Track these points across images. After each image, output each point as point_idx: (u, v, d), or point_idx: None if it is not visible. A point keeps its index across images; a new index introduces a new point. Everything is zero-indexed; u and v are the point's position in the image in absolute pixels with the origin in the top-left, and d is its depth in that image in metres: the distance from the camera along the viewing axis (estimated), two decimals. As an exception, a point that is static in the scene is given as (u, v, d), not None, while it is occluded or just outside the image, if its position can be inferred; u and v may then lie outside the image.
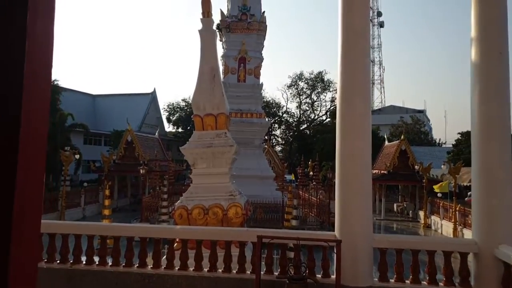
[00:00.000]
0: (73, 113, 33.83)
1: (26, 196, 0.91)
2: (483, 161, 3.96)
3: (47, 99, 1.07)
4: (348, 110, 4.07)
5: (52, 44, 1.10)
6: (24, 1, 0.95)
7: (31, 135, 0.95)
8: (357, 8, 3.98)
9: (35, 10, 1.00)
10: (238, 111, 20.96)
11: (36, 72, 0.99)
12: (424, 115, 64.05)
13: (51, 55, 1.09)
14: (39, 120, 1.04)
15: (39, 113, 1.03)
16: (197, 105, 7.93)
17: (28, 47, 0.95)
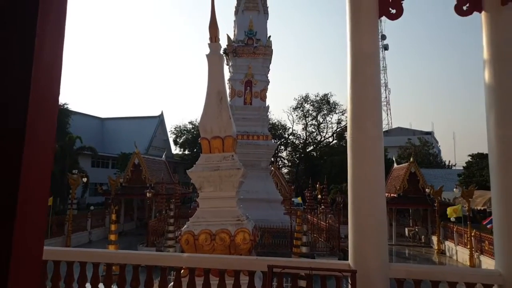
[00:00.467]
0: (81, 136, 34.14)
1: (28, 222, 0.87)
2: (503, 186, 3.79)
3: (52, 125, 1.01)
4: (359, 134, 3.96)
5: (61, 68, 1.05)
6: (32, 23, 0.90)
7: (35, 161, 0.91)
8: (366, 32, 3.92)
9: (44, 33, 0.94)
10: (244, 133, 20.94)
11: (43, 97, 0.93)
12: (432, 137, 63.67)
13: (59, 80, 1.03)
14: (44, 148, 0.98)
15: (44, 139, 0.97)
16: (204, 128, 7.87)
17: (35, 71, 0.89)
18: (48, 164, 0.98)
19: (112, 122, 53.86)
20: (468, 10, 3.73)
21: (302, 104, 51.81)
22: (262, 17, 22.94)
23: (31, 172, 0.89)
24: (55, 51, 0.99)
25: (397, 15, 3.78)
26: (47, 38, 0.96)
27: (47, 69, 0.95)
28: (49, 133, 0.99)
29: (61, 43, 1.02)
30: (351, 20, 3.89)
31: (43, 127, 0.94)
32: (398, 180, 25.78)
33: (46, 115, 0.95)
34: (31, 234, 0.89)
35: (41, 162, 0.94)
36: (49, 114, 0.97)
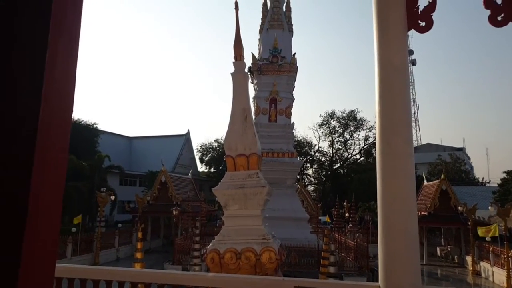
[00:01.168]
0: (110, 154, 34.99)
1: (40, 239, 0.84)
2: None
3: (65, 148, 0.97)
4: (389, 151, 3.80)
5: (74, 87, 1.02)
6: (43, 42, 0.87)
7: (45, 184, 0.86)
8: (394, 45, 3.81)
9: (55, 51, 0.91)
10: (269, 151, 20.86)
11: (53, 118, 0.90)
12: (463, 153, 61.72)
13: (72, 101, 1.00)
14: (55, 170, 0.93)
15: (55, 161, 0.93)
16: (229, 145, 7.86)
17: (45, 91, 0.86)
18: (61, 179, 0.94)
19: (139, 141, 55.07)
20: (503, 20, 3.56)
21: (328, 120, 51.44)
22: (287, 34, 23.07)
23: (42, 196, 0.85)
24: (67, 69, 0.97)
25: (427, 28, 3.66)
26: (59, 55, 0.93)
27: (58, 89, 0.92)
28: (61, 162, 0.95)
29: (74, 61, 0.99)
30: (379, 33, 3.79)
31: (55, 141, 0.90)
32: (429, 197, 24.94)
33: (58, 127, 0.92)
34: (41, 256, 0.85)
35: (52, 190, 0.90)
36: (62, 125, 0.94)
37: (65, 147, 0.95)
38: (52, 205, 0.91)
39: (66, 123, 0.95)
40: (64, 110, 0.94)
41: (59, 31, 0.92)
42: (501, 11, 3.59)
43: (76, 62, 1.02)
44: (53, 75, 0.90)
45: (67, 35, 0.97)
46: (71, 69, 1.00)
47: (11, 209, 0.80)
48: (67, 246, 19.48)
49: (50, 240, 0.89)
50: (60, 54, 0.94)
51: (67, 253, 19.37)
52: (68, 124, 0.96)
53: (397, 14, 3.70)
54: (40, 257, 0.85)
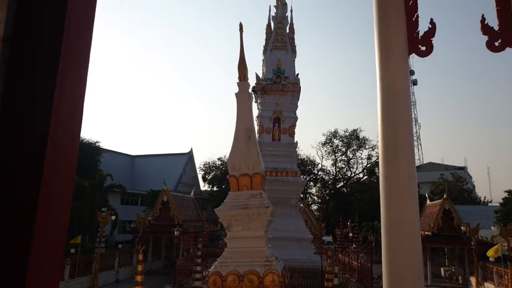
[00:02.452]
0: (112, 173, 34.95)
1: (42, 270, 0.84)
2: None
3: (71, 177, 0.99)
4: (392, 173, 3.83)
5: (82, 113, 1.04)
6: (54, 72, 0.91)
7: (50, 216, 0.89)
8: (396, 69, 3.88)
9: (65, 84, 0.94)
10: (273, 170, 20.85)
11: (61, 147, 0.93)
12: (465, 172, 61.45)
13: (77, 141, 1.02)
14: (61, 200, 0.96)
15: (62, 190, 0.95)
16: (233, 165, 7.87)
17: (54, 122, 0.89)
18: (68, 196, 0.96)
19: (142, 160, 55.05)
20: (501, 45, 3.64)
21: (331, 139, 51.55)
22: (290, 55, 23.36)
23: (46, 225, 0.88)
24: (76, 95, 0.99)
25: (427, 52, 3.74)
26: (69, 80, 0.96)
27: (67, 118, 0.95)
28: (69, 168, 0.97)
29: (83, 85, 1.03)
30: (380, 57, 3.87)
31: (63, 159, 0.93)
32: (432, 217, 24.74)
33: (66, 145, 0.94)
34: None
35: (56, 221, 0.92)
36: (70, 144, 0.96)
37: (69, 191, 0.97)
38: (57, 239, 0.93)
39: (70, 167, 0.97)
40: (69, 153, 0.97)
41: (68, 66, 0.95)
42: (498, 37, 3.67)
43: (84, 97, 1.05)
44: (60, 113, 0.92)
45: (76, 70, 1.00)
46: (78, 105, 1.02)
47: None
48: (65, 268, 18.98)
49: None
50: (69, 90, 0.96)
51: (64, 275, 18.93)
52: (73, 166, 0.98)
53: (398, 39, 3.79)
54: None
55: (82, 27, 1.04)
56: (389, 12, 3.88)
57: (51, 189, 0.88)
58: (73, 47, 0.99)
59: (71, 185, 1.00)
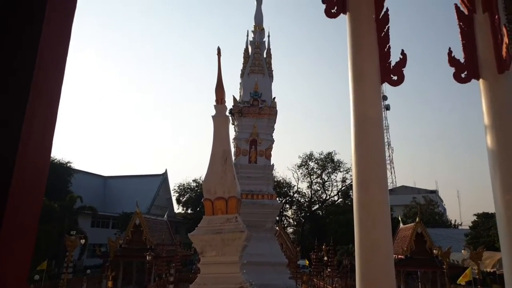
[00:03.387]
0: (83, 194, 33.95)
1: None
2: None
3: (39, 201, 0.97)
4: (366, 199, 3.89)
5: (53, 135, 1.02)
6: (27, 86, 0.89)
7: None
8: (368, 97, 4.00)
9: (39, 98, 0.93)
10: (249, 192, 20.74)
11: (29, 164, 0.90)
12: (436, 196, 63.02)
13: (50, 148, 1.00)
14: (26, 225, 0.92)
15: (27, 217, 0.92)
16: (208, 188, 7.81)
17: (23, 143, 0.87)
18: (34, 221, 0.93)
19: (115, 181, 53.82)
20: (467, 77, 3.83)
21: (306, 162, 52.01)
22: (267, 79, 23.70)
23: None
24: (48, 113, 0.98)
25: (399, 82, 3.88)
26: (43, 100, 0.95)
27: (38, 139, 0.93)
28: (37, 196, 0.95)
29: (55, 105, 1.01)
30: (354, 85, 3.99)
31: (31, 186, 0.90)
32: (405, 241, 25.05)
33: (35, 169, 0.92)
34: None
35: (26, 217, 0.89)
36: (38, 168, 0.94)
37: (36, 214, 0.94)
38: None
39: (38, 191, 0.95)
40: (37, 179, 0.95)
41: (38, 97, 0.94)
42: (464, 69, 3.86)
43: (55, 120, 1.03)
44: (30, 136, 0.90)
45: (46, 97, 0.99)
46: (49, 130, 1.00)
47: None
48: (28, 296, 18.18)
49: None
50: (40, 114, 0.95)
51: (28, 303, 18.07)
52: (41, 191, 0.96)
53: (371, 68, 3.92)
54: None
55: (56, 52, 1.04)
56: (362, 43, 4.02)
57: (17, 212, 0.86)
58: (47, 73, 0.98)
59: (39, 208, 0.98)
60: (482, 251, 19.04)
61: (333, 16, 4.20)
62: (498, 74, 3.64)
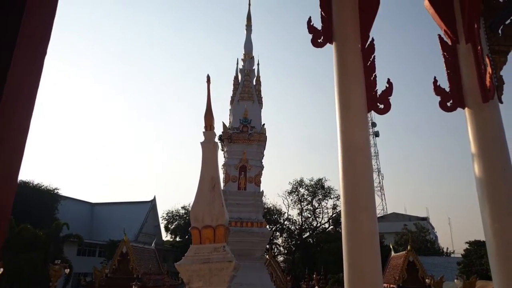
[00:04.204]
0: (70, 222, 33.17)
1: None
2: (506, 277, 3.62)
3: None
4: (355, 229, 3.83)
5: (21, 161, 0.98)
6: None
7: None
8: (356, 126, 4.00)
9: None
10: (238, 220, 20.44)
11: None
12: (428, 223, 62.89)
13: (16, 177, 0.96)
14: None
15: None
16: (196, 216, 7.66)
17: None
18: None
19: (102, 208, 52.92)
20: (452, 106, 3.87)
21: (297, 188, 51.73)
22: (257, 106, 23.87)
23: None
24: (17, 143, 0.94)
25: (385, 110, 3.90)
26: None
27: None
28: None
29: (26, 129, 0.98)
30: (341, 114, 4.00)
31: None
32: (397, 269, 24.76)
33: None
34: None
35: None
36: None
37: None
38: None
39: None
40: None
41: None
42: (449, 98, 3.91)
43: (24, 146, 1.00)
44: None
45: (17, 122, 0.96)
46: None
47: None
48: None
49: None
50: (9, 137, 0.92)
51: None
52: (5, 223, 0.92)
53: (358, 97, 3.94)
54: None
55: (30, 76, 1.01)
56: (348, 72, 4.06)
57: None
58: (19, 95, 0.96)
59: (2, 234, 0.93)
60: (475, 280, 18.87)
61: (320, 46, 4.26)
62: (483, 103, 3.68)
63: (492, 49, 3.74)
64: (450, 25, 3.95)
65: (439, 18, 4.02)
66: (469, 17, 3.81)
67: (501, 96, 3.67)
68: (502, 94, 3.66)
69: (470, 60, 3.82)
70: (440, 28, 4.09)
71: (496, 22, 3.84)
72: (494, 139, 3.63)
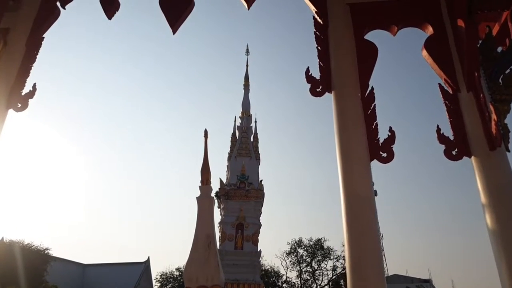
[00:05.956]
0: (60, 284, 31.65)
1: None
2: None
3: None
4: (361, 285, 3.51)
5: None
6: None
7: None
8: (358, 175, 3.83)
9: None
10: (234, 281, 19.57)
11: None
12: (430, 285, 60.48)
13: None
14: None
15: None
16: (189, 276, 7.25)
17: None
18: None
19: (94, 269, 50.80)
20: (458, 155, 3.74)
21: (295, 249, 50.11)
22: (254, 162, 23.87)
23: None
24: None
25: (388, 159, 3.76)
26: None
27: None
28: None
29: None
30: (342, 164, 3.84)
31: None
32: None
33: None
34: None
35: None
36: None
37: None
38: None
39: None
40: None
41: None
42: (454, 147, 3.78)
43: None
44: None
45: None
46: None
47: None
48: None
49: None
50: None
51: None
52: None
53: (359, 146, 3.81)
54: None
55: None
56: (348, 121, 3.97)
57: None
58: None
59: None
60: None
61: (318, 95, 4.21)
62: (490, 151, 3.56)
63: (494, 98, 3.68)
64: (449, 74, 3.94)
65: (438, 68, 4.02)
66: (468, 66, 3.80)
67: (508, 145, 3.55)
68: (508, 143, 3.54)
69: (473, 108, 3.75)
70: (440, 77, 4.07)
71: (495, 72, 3.82)
72: (505, 187, 3.46)
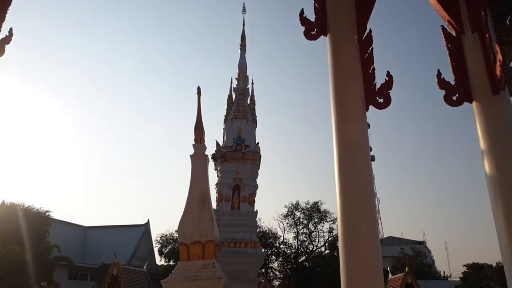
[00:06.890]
0: (62, 245, 32.23)
1: None
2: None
3: None
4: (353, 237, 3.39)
5: None
6: None
7: None
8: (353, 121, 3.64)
9: None
10: (231, 241, 19.87)
11: None
12: (424, 247, 62.05)
13: None
14: None
15: None
16: (184, 232, 7.24)
17: None
18: None
19: (95, 231, 51.89)
20: (458, 100, 3.56)
21: (293, 211, 50.97)
22: (251, 125, 23.66)
23: None
24: None
25: (385, 105, 3.58)
26: None
27: None
28: None
29: None
30: (336, 109, 3.65)
31: None
32: (396, 292, 24.01)
33: None
34: None
35: None
36: None
37: None
38: None
39: None
40: None
41: None
42: (455, 92, 3.60)
43: None
44: None
45: None
46: None
47: None
48: None
49: None
50: None
51: None
52: None
53: (355, 90, 3.61)
54: None
55: None
56: (344, 64, 3.75)
57: None
58: None
59: None
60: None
61: (313, 38, 3.96)
62: (493, 95, 3.38)
63: (500, 40, 3.47)
64: (454, 15, 3.69)
65: (442, 8, 3.77)
66: (474, 5, 3.55)
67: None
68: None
69: (477, 50, 3.54)
70: (443, 19, 3.82)
71: (503, 12, 3.58)
72: (507, 132, 3.30)
